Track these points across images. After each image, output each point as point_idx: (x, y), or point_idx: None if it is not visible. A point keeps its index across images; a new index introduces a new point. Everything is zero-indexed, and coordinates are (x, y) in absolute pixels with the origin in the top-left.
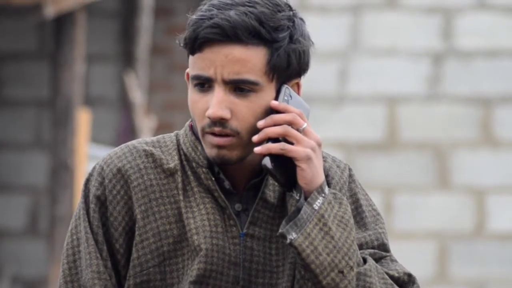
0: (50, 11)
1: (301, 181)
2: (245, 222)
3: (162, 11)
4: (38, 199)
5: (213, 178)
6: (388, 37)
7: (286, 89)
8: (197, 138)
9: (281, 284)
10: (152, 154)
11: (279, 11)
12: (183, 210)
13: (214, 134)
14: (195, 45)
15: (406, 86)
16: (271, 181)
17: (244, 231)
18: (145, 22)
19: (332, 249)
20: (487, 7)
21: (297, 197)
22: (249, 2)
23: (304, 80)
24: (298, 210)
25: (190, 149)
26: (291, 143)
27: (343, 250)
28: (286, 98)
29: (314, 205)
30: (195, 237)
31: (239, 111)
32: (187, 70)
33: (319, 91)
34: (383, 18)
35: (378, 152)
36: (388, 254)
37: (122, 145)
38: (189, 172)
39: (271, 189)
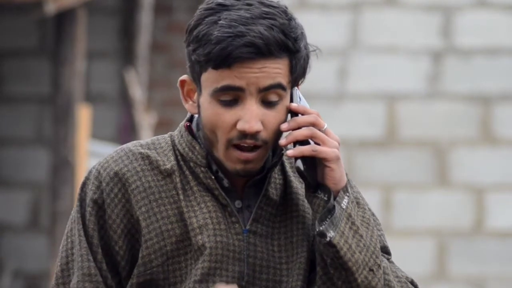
0: (51, 8)
1: (329, 181)
2: (248, 219)
3: (162, 9)
4: (39, 195)
5: (212, 177)
6: (388, 35)
7: (296, 91)
8: (194, 138)
9: (286, 282)
10: (148, 156)
11: (291, 19)
12: (185, 210)
13: (241, 148)
14: (226, 63)
15: (405, 84)
16: (273, 178)
17: (247, 227)
18: (145, 19)
19: (362, 247)
20: (486, 5)
21: (325, 198)
22: (266, 14)
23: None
24: (329, 210)
25: (187, 149)
26: (317, 144)
27: (370, 248)
28: (299, 100)
29: (342, 205)
30: (199, 237)
31: (269, 122)
32: (183, 78)
33: (319, 88)
34: (383, 16)
35: (378, 149)
36: (389, 257)
37: (118, 149)
38: (187, 172)
39: (273, 187)
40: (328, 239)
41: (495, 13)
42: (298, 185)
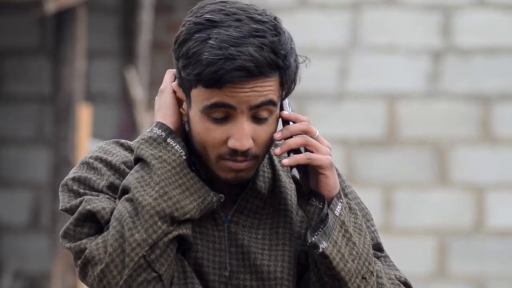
0: (51, 7)
1: (324, 188)
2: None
3: (163, 8)
4: (40, 195)
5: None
6: (388, 34)
7: (286, 100)
8: None
9: (267, 266)
10: (129, 147)
11: (280, 33)
12: None
13: (233, 160)
14: (217, 84)
15: (405, 83)
16: (261, 172)
17: (228, 218)
18: (146, 18)
19: (355, 255)
20: (486, 4)
21: (320, 206)
22: (256, 32)
23: (304, 77)
24: (321, 220)
25: None
26: (310, 152)
27: (363, 255)
28: (288, 107)
29: (335, 212)
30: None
31: (260, 137)
32: (173, 86)
33: (318, 88)
34: (383, 15)
35: (378, 149)
36: (383, 254)
37: (103, 145)
38: None
39: (262, 180)
40: (320, 250)
41: (495, 12)
42: (287, 179)
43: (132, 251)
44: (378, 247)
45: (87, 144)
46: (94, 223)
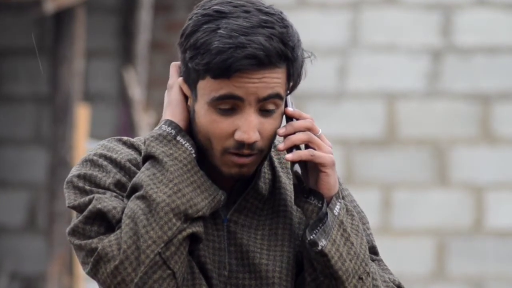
0: (50, 7)
1: (324, 186)
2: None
3: (162, 7)
4: (37, 195)
5: None
6: (388, 34)
7: (288, 96)
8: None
9: (266, 265)
10: (132, 144)
11: (288, 26)
12: None
13: (238, 154)
14: (226, 74)
15: (405, 83)
16: (262, 173)
17: (228, 217)
18: (145, 18)
19: (353, 255)
20: (486, 3)
21: (319, 205)
22: (265, 23)
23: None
24: (320, 218)
25: None
26: (313, 149)
27: (360, 256)
28: (291, 104)
29: (334, 211)
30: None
31: (266, 130)
32: (179, 82)
33: (318, 87)
34: (383, 14)
35: (378, 148)
36: (377, 258)
37: (105, 143)
38: None
39: (263, 181)
40: (319, 247)
41: (495, 12)
42: (286, 181)
43: (148, 248)
44: (373, 251)
45: (85, 144)
46: (104, 221)
